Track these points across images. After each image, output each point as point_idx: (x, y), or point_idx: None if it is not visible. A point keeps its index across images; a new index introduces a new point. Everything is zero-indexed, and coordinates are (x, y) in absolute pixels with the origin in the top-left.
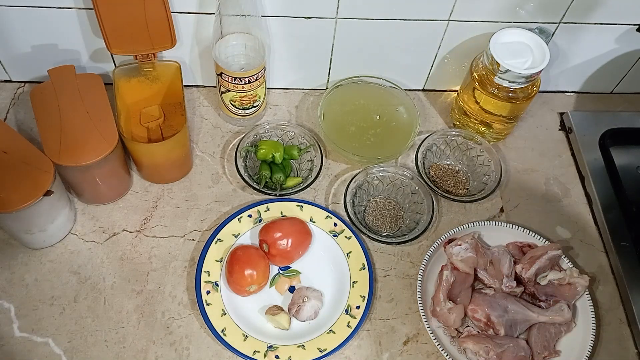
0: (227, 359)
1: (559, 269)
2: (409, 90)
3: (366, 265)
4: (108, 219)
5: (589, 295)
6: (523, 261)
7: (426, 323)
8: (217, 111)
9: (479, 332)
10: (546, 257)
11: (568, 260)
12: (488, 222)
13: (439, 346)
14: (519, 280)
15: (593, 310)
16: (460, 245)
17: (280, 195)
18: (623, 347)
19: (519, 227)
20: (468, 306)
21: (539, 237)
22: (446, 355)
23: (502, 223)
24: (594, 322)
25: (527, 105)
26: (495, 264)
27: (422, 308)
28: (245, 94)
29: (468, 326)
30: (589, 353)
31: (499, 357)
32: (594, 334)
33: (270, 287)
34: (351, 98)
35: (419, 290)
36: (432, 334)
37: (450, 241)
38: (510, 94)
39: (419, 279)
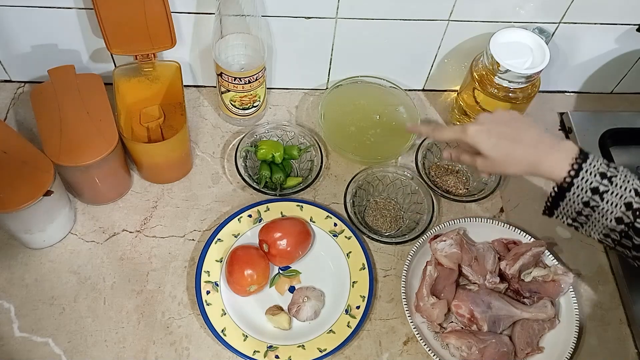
0: (227, 359)
1: (544, 266)
2: (409, 90)
3: (366, 265)
4: (108, 219)
5: (573, 293)
6: (507, 258)
7: (409, 318)
8: (217, 111)
9: (462, 327)
10: (530, 254)
11: (553, 258)
12: (475, 219)
13: (422, 341)
14: (503, 276)
15: (577, 307)
16: (445, 241)
17: (280, 195)
18: (623, 347)
19: (505, 225)
20: (452, 302)
21: (524, 234)
22: (428, 350)
23: (487, 219)
24: (578, 319)
25: (527, 106)
26: (479, 260)
27: (405, 303)
28: (245, 94)
29: (452, 322)
30: (572, 350)
31: (481, 352)
32: (577, 331)
33: (270, 287)
34: (351, 98)
35: (403, 286)
36: (415, 329)
37: (435, 237)
38: (510, 94)
39: (403, 274)
